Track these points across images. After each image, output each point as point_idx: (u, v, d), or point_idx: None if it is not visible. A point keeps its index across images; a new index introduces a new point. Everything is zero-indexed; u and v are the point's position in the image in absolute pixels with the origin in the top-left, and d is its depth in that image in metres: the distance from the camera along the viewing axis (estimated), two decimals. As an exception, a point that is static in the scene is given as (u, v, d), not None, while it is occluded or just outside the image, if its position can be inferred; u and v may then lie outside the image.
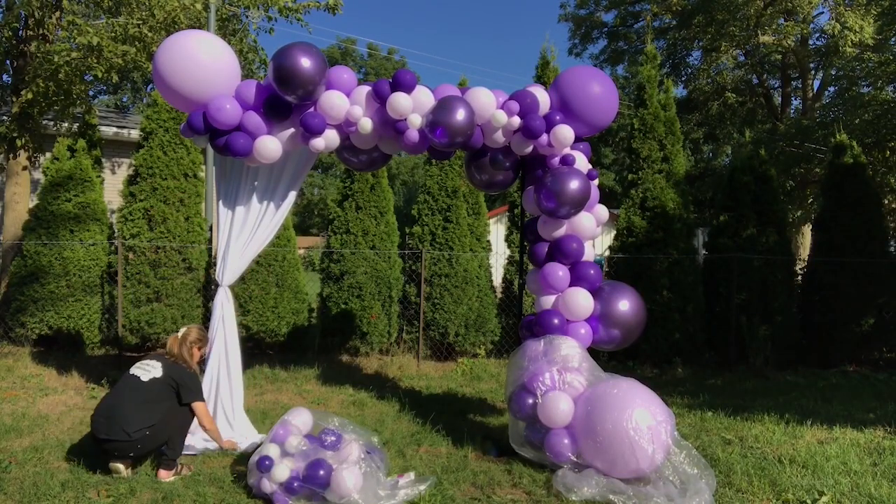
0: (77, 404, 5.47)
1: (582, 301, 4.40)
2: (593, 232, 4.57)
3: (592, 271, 4.47)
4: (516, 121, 4.25)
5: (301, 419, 3.94)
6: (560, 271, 4.47)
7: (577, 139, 4.61)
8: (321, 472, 3.51)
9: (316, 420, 3.98)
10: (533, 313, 4.63)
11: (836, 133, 8.48)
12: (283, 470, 3.58)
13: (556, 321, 4.38)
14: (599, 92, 4.44)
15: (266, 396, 5.95)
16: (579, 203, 4.29)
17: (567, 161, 4.37)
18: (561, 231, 4.48)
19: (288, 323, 7.49)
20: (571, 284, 4.49)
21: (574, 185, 4.23)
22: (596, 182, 4.62)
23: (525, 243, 5.01)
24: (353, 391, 6.08)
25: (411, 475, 3.88)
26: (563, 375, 4.06)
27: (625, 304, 4.44)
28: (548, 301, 4.53)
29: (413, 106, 4.21)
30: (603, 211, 4.68)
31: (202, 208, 7.77)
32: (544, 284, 4.52)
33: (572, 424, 3.92)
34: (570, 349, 4.14)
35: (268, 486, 3.56)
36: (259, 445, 3.87)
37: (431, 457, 4.36)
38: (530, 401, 4.07)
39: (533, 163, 4.67)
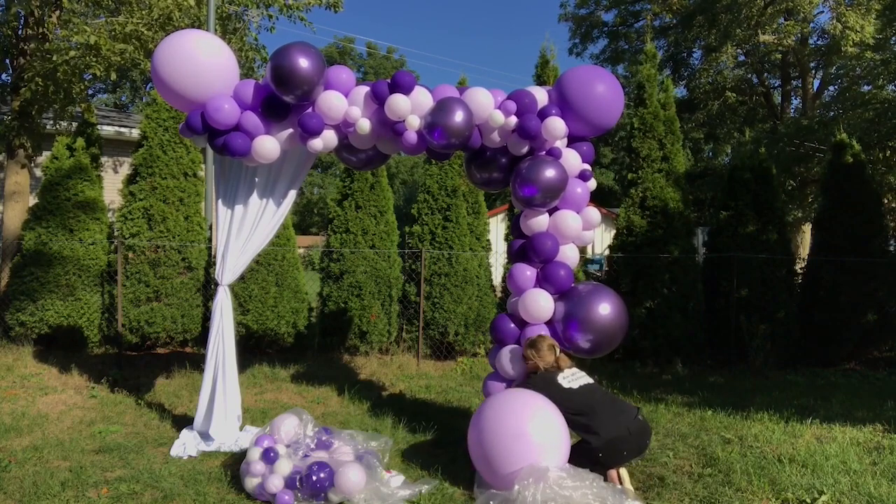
0: (77, 403, 5.47)
1: (542, 303, 4.21)
2: (578, 233, 4.37)
3: (562, 272, 4.23)
4: (513, 121, 4.22)
5: (287, 424, 3.95)
6: (528, 271, 4.31)
7: (581, 139, 4.56)
8: (323, 473, 3.51)
9: (304, 426, 3.98)
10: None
11: (837, 132, 8.47)
12: (285, 466, 3.58)
13: (511, 325, 4.34)
14: (603, 92, 4.31)
15: (266, 396, 5.95)
16: (552, 191, 4.14)
17: (552, 153, 4.27)
18: (541, 228, 4.33)
19: (288, 322, 7.49)
20: (537, 285, 4.30)
21: (549, 172, 4.11)
22: (591, 185, 4.48)
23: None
24: (352, 390, 6.08)
25: (400, 476, 3.88)
26: None
27: (604, 308, 4.13)
28: (513, 301, 4.40)
29: (411, 107, 4.19)
30: (593, 214, 4.48)
31: (202, 207, 7.77)
32: (511, 283, 4.38)
33: None
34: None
35: (271, 484, 3.56)
36: (248, 449, 3.86)
37: (431, 456, 4.36)
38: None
39: (524, 158, 4.59)
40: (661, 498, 3.76)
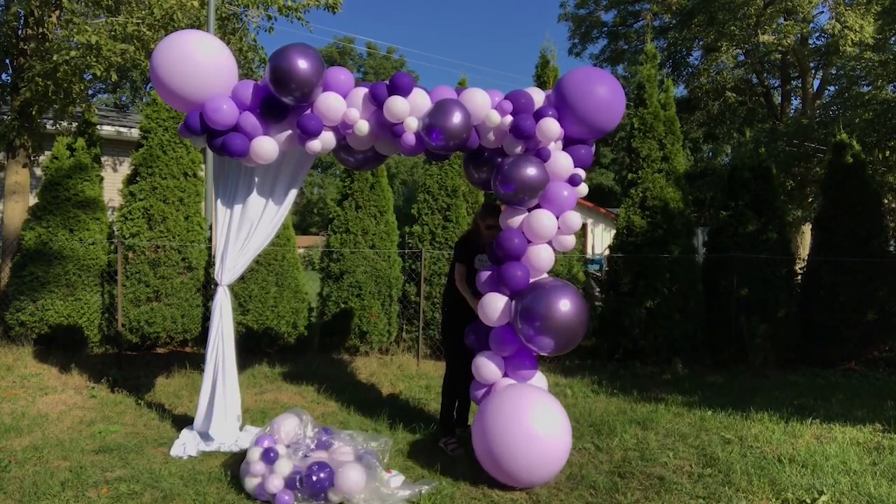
0: (77, 403, 5.47)
1: (497, 305, 4.12)
2: (551, 234, 4.21)
3: (519, 272, 4.08)
4: (508, 120, 4.20)
5: (287, 425, 3.96)
6: (487, 272, 4.24)
7: (581, 142, 4.50)
8: (323, 473, 3.51)
9: (304, 426, 3.99)
10: None
11: (837, 132, 8.47)
12: (285, 466, 3.58)
13: (472, 337, 4.33)
14: (603, 94, 4.24)
15: (266, 396, 5.95)
16: (529, 189, 4.07)
17: (540, 154, 4.20)
18: (516, 226, 4.24)
19: (288, 322, 7.50)
20: (495, 288, 4.19)
21: (528, 171, 4.04)
22: (581, 190, 4.39)
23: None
24: (352, 390, 6.08)
25: (400, 476, 3.89)
26: None
27: (564, 304, 3.93)
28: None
29: (410, 109, 4.19)
30: (573, 219, 4.29)
31: (202, 207, 7.77)
32: (478, 283, 4.34)
33: None
34: None
35: (271, 485, 3.56)
36: (248, 449, 3.86)
37: (431, 456, 4.36)
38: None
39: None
40: (660, 498, 3.76)
